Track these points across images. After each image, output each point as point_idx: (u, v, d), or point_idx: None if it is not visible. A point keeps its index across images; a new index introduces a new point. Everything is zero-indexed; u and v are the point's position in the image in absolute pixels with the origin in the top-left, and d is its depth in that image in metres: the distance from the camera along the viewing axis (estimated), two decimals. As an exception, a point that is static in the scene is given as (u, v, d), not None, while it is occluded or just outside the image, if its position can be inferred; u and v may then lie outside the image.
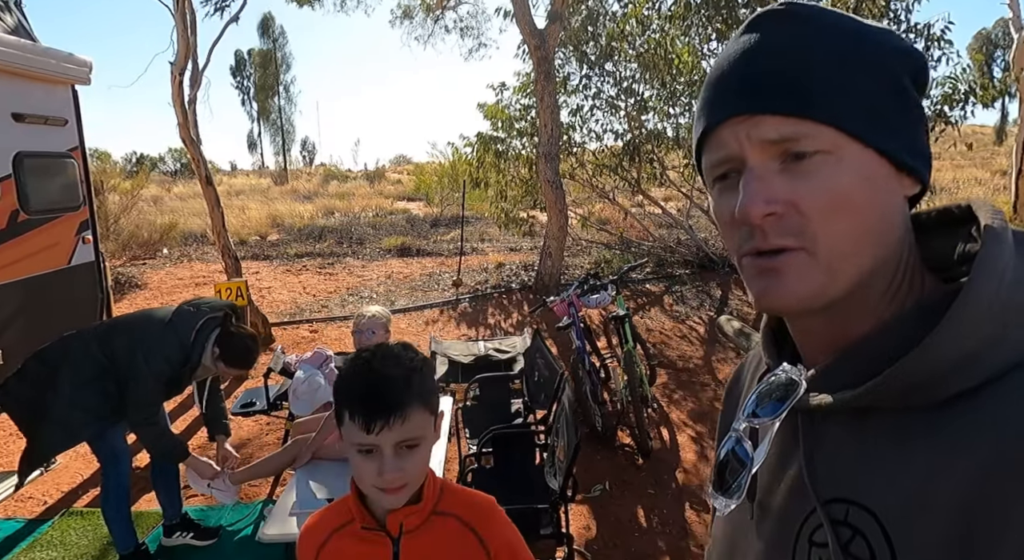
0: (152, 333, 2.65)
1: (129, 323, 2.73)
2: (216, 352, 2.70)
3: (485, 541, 1.08)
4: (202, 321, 2.70)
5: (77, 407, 2.55)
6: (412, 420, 0.99)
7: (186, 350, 2.63)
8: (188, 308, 2.77)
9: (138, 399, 2.58)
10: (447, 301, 7.39)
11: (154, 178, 29.74)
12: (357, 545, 1.06)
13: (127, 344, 2.62)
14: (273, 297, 7.82)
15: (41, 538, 3.03)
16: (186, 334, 2.65)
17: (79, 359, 2.59)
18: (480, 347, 4.06)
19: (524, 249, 10.56)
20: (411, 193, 20.14)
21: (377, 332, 2.79)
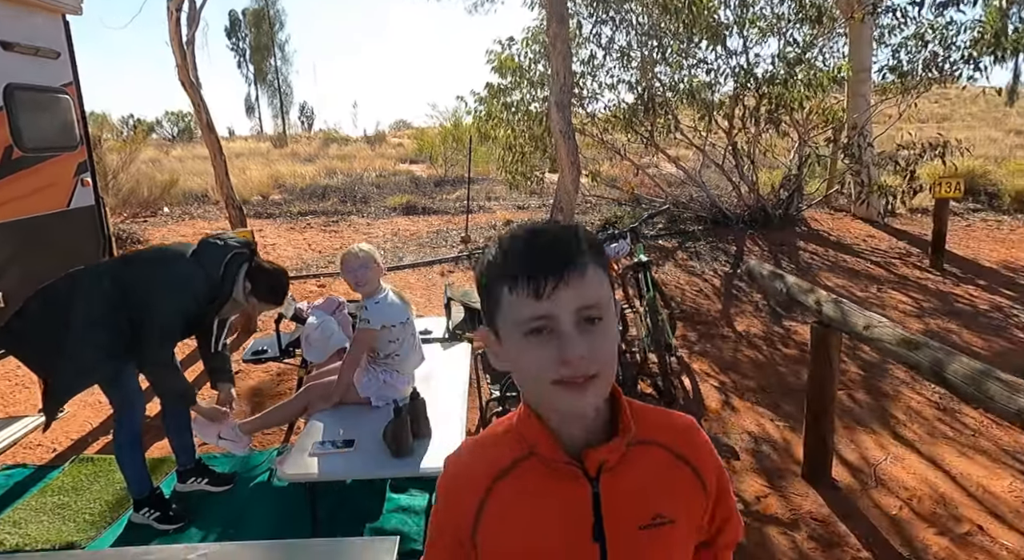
0: (176, 267, 2.49)
1: (147, 258, 2.58)
2: (248, 286, 2.57)
3: (700, 472, 0.84)
4: (231, 254, 2.56)
5: (89, 344, 2.41)
6: (590, 279, 0.74)
7: (214, 284, 2.49)
8: (215, 241, 2.61)
9: (156, 336, 2.45)
10: (456, 256, 7.24)
11: (152, 142, 29.20)
12: (543, 483, 0.79)
13: (147, 279, 2.47)
14: (278, 253, 7.66)
15: (52, 483, 2.95)
16: (214, 267, 2.51)
17: (91, 294, 2.44)
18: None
19: (532, 207, 10.35)
20: (413, 155, 19.76)
21: (371, 266, 2.64)
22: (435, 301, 5.80)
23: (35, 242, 3.33)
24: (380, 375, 2.67)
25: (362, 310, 2.62)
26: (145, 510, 2.65)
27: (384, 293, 2.67)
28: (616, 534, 0.78)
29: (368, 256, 2.63)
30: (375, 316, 2.58)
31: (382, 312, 2.60)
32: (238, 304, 2.67)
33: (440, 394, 2.73)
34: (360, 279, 2.61)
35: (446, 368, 3.04)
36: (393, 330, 2.64)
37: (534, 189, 10.13)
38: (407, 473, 2.23)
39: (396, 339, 2.67)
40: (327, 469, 2.18)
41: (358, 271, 2.60)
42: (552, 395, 0.74)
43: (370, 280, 2.62)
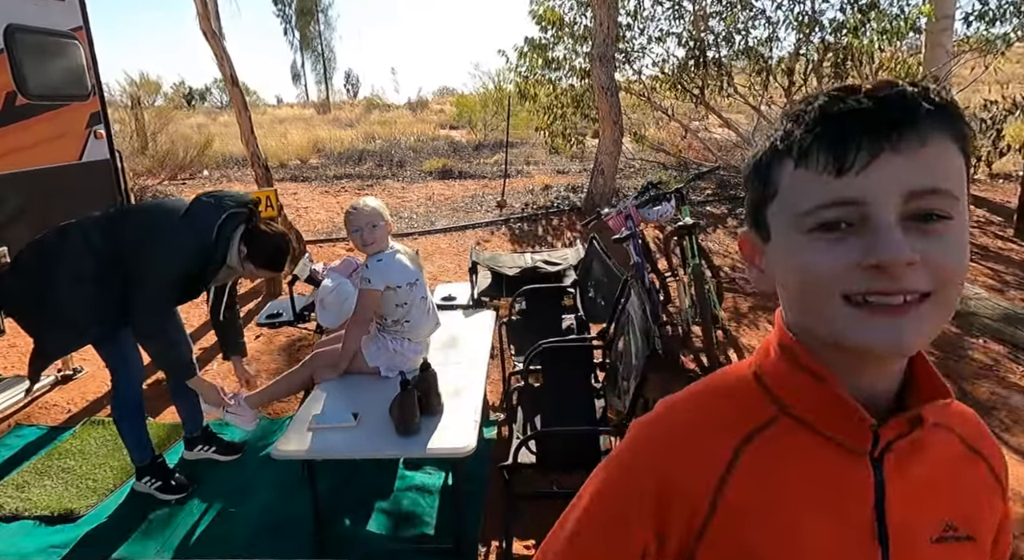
0: (165, 226, 2.27)
1: (138, 213, 2.37)
2: (243, 251, 2.33)
3: (996, 472, 0.61)
4: (225, 215, 2.31)
5: (78, 305, 2.23)
6: (937, 152, 0.47)
7: (206, 247, 2.26)
8: (208, 200, 2.37)
9: (144, 303, 2.25)
10: (491, 221, 6.94)
11: (202, 109, 29.67)
12: (802, 457, 0.54)
13: (135, 237, 2.26)
14: (310, 216, 7.52)
15: (61, 446, 2.85)
16: (206, 228, 2.27)
17: (78, 251, 2.24)
18: (527, 259, 3.61)
19: (572, 172, 9.90)
20: (454, 120, 19.42)
21: (378, 224, 2.36)
22: (466, 267, 5.53)
23: (43, 195, 3.19)
24: (389, 343, 2.42)
25: (362, 268, 2.35)
26: (147, 479, 2.51)
27: (391, 252, 2.40)
28: (902, 541, 0.54)
29: (375, 212, 2.36)
30: (377, 275, 2.32)
31: (386, 271, 2.33)
32: (234, 270, 2.43)
33: (458, 365, 2.47)
34: (367, 238, 2.34)
35: (467, 337, 2.77)
36: (399, 292, 2.37)
37: (574, 153, 9.68)
38: (413, 454, 1.99)
39: (404, 303, 2.40)
40: (324, 447, 1.95)
41: (364, 229, 2.33)
42: (845, 321, 0.49)
43: (377, 239, 2.35)
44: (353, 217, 2.35)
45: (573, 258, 3.50)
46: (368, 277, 2.31)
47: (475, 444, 1.93)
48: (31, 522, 2.36)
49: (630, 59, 7.88)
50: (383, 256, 2.35)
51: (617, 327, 2.34)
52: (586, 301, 2.93)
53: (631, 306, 2.21)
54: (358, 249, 2.41)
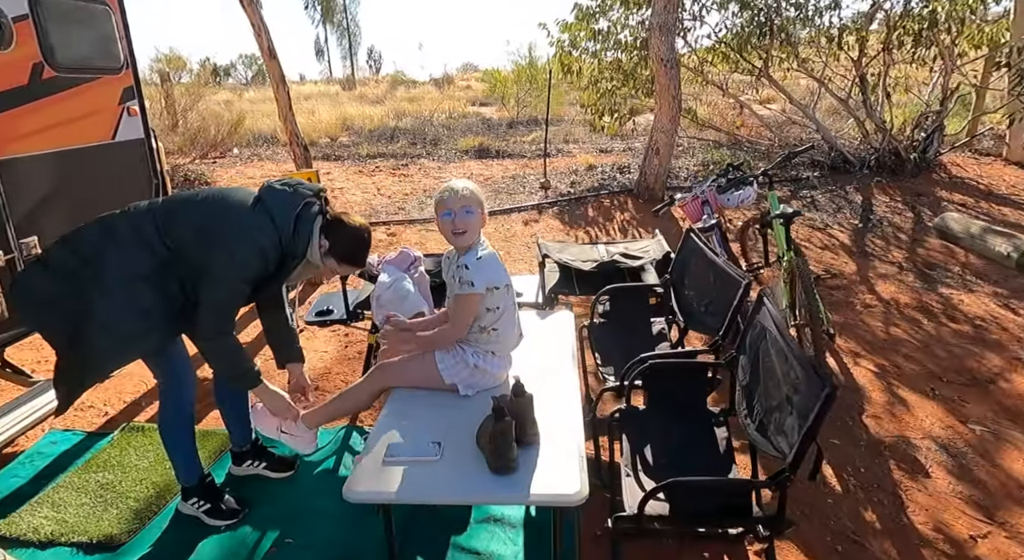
0: (241, 217, 1.95)
1: (200, 203, 2.00)
2: (324, 245, 2.03)
3: None
4: (302, 204, 2.01)
5: (128, 309, 1.92)
6: None
7: (286, 240, 1.97)
8: (282, 187, 2.04)
9: (215, 305, 1.94)
10: (536, 204, 6.55)
11: (227, 85, 29.50)
12: None
13: (199, 230, 1.95)
14: (346, 198, 7.21)
15: (98, 456, 2.60)
16: (284, 220, 1.97)
17: (130, 247, 1.93)
18: (602, 251, 3.23)
19: (616, 151, 9.42)
20: (483, 97, 18.91)
21: (475, 211, 2.01)
22: (515, 254, 5.18)
23: (74, 179, 2.90)
24: (470, 358, 2.08)
25: (460, 269, 1.99)
26: (194, 501, 2.23)
27: (486, 247, 2.06)
28: None
29: (473, 197, 2.01)
30: (480, 276, 1.97)
31: (488, 270, 1.99)
32: (311, 267, 2.13)
33: (542, 382, 2.13)
34: (458, 225, 1.99)
35: (546, 345, 2.42)
36: (495, 294, 2.03)
37: (618, 131, 9.19)
38: (512, 500, 1.67)
39: (497, 307, 2.06)
40: (405, 488, 1.63)
41: (457, 214, 1.98)
42: None
43: (471, 229, 2.01)
44: (447, 199, 2.00)
45: (656, 251, 3.12)
46: (471, 280, 1.96)
47: (587, 490, 1.60)
48: (68, 550, 2.10)
49: (683, 32, 7.33)
50: (483, 254, 2.01)
51: (741, 342, 1.97)
52: (684, 304, 2.55)
53: (764, 320, 1.83)
54: (445, 237, 2.06)
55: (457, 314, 2.06)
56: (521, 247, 5.35)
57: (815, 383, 1.42)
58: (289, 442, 2.20)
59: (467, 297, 1.99)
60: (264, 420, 2.24)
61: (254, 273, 1.96)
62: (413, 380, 2.14)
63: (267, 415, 2.23)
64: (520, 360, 2.24)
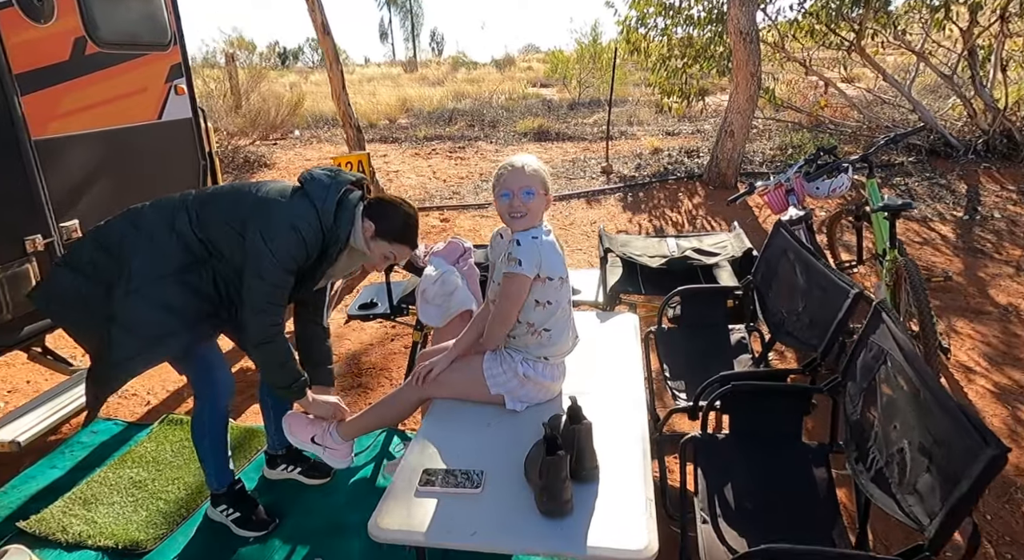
0: (276, 206, 1.81)
1: (236, 193, 1.87)
2: (370, 228, 1.86)
3: None
4: (344, 189, 1.87)
5: (156, 307, 1.79)
6: None
7: (327, 226, 1.82)
8: (322, 173, 1.90)
9: (261, 300, 1.79)
10: (598, 190, 6.19)
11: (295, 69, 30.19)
12: None
13: (236, 221, 1.80)
14: (401, 181, 7.07)
15: (135, 450, 2.51)
16: (326, 204, 1.82)
17: (161, 240, 1.81)
18: (672, 245, 2.89)
19: (683, 133, 8.88)
20: (544, 78, 18.47)
21: (536, 192, 1.74)
22: (573, 244, 4.87)
23: (118, 161, 2.80)
24: (519, 366, 1.82)
25: (511, 245, 1.73)
26: (224, 507, 2.09)
27: (548, 231, 1.78)
28: None
29: (535, 175, 1.74)
30: (529, 256, 1.70)
31: (542, 253, 1.72)
32: (357, 254, 1.97)
33: (601, 400, 1.84)
34: (517, 207, 1.72)
35: (606, 352, 2.13)
36: (547, 286, 1.75)
37: (686, 112, 8.65)
38: (567, 551, 1.40)
39: (549, 302, 1.78)
40: (438, 528, 1.39)
41: (516, 195, 1.72)
42: None
43: (531, 212, 1.74)
44: (506, 177, 1.73)
45: (735, 247, 2.75)
46: (519, 257, 1.69)
47: (656, 545, 1.32)
48: (94, 554, 2.00)
49: (765, 1, 6.72)
50: (539, 233, 1.73)
51: (849, 366, 1.62)
52: (770, 312, 2.20)
53: (883, 341, 1.48)
54: (502, 219, 1.79)
55: (502, 299, 1.78)
56: (580, 236, 5.03)
57: (971, 439, 1.08)
58: (323, 455, 2.01)
59: (514, 278, 1.71)
60: (298, 428, 2.05)
61: (296, 262, 1.80)
62: (457, 390, 1.90)
63: (301, 424, 2.04)
64: (576, 370, 1.96)
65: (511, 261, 1.71)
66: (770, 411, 1.74)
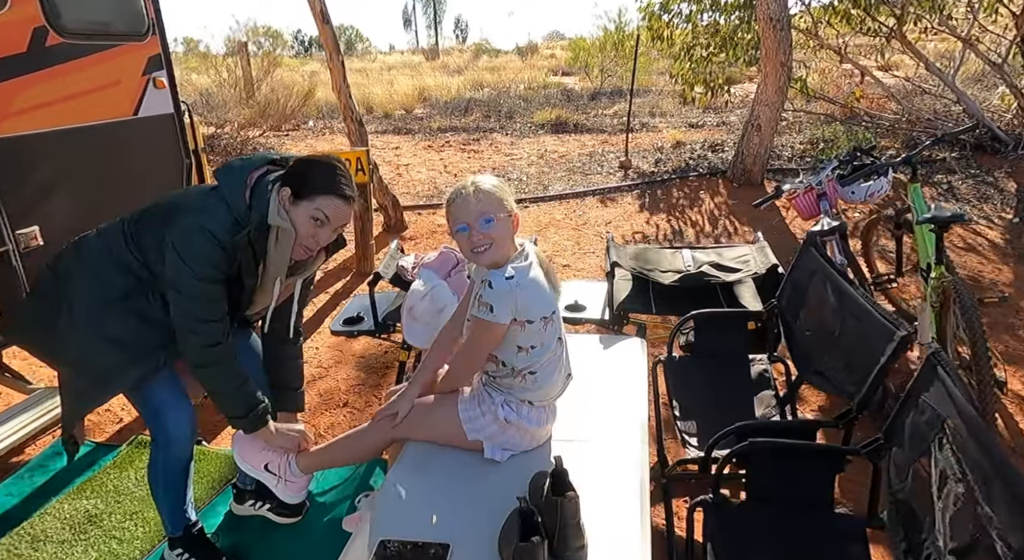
0: (186, 209, 1.60)
1: (162, 207, 1.67)
2: (286, 193, 1.58)
3: None
4: (257, 169, 1.64)
5: (101, 339, 1.62)
6: None
7: (240, 215, 1.58)
8: (233, 162, 1.68)
9: (186, 316, 1.59)
10: (614, 187, 5.88)
11: (317, 57, 30.16)
12: None
13: (156, 232, 1.60)
14: (411, 176, 6.83)
15: (97, 477, 2.31)
16: (236, 193, 1.59)
17: (101, 265, 1.64)
18: (687, 258, 2.60)
19: (708, 125, 8.48)
20: (567, 66, 18.06)
21: (496, 217, 1.47)
22: (586, 245, 4.59)
23: (87, 161, 2.60)
24: (500, 410, 1.57)
25: (483, 286, 1.48)
26: (179, 551, 1.88)
27: (523, 264, 1.51)
28: None
29: (492, 198, 1.48)
30: (503, 301, 1.44)
31: (519, 297, 1.46)
32: (287, 236, 1.62)
33: (596, 437, 1.59)
34: (477, 241, 1.47)
35: (606, 382, 1.87)
36: (530, 329, 1.50)
37: (710, 103, 8.23)
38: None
39: (533, 346, 1.53)
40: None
41: (474, 227, 1.46)
42: None
43: (497, 241, 1.48)
44: (457, 208, 1.48)
45: (758, 262, 2.45)
46: (490, 302, 1.44)
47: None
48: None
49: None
50: (516, 272, 1.47)
51: (893, 427, 1.33)
52: (798, 344, 1.91)
53: (942, 404, 1.19)
54: (466, 256, 1.55)
55: (469, 345, 1.56)
56: (593, 237, 4.74)
57: None
58: (276, 486, 1.79)
59: (483, 325, 1.47)
60: (249, 452, 1.81)
61: (215, 268, 1.57)
62: (429, 432, 1.66)
63: (254, 448, 1.80)
64: (571, 406, 1.71)
65: (481, 305, 1.45)
66: (796, 473, 1.46)
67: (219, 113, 7.84)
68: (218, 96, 8.00)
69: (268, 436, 1.77)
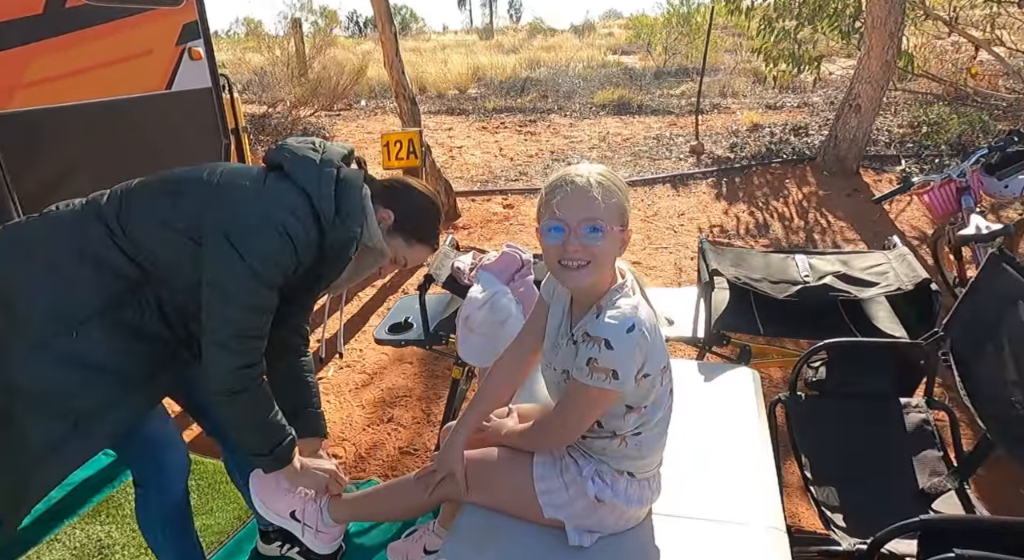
0: (247, 195, 1.25)
1: (176, 184, 1.30)
2: (388, 217, 1.36)
3: None
4: (338, 165, 1.31)
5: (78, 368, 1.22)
6: None
7: (327, 218, 1.26)
8: (302, 145, 1.32)
9: (227, 333, 1.23)
10: (686, 174, 5.35)
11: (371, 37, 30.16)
12: None
13: (183, 221, 1.25)
14: (464, 159, 6.46)
15: (113, 497, 2.05)
16: (321, 190, 1.26)
17: (67, 270, 1.23)
18: (802, 266, 2.12)
19: (788, 106, 7.76)
20: (626, 44, 17.28)
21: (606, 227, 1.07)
22: (657, 240, 4.12)
23: (112, 140, 2.34)
24: (588, 483, 1.18)
25: (588, 342, 1.06)
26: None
27: (632, 293, 1.11)
28: None
29: (611, 201, 1.07)
30: (628, 361, 1.05)
31: (645, 347, 1.07)
32: (371, 256, 1.39)
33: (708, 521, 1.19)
34: (577, 252, 1.07)
35: (711, 429, 1.46)
36: (644, 383, 1.11)
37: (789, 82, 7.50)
38: None
39: (647, 404, 1.14)
40: None
41: (578, 234, 1.06)
42: None
43: (600, 259, 1.08)
44: (559, 200, 1.07)
45: (900, 275, 1.95)
46: (613, 367, 1.05)
47: None
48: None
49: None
50: (635, 320, 1.06)
51: None
52: (983, 396, 1.43)
53: None
54: (549, 266, 1.15)
55: (570, 413, 1.16)
56: (665, 231, 4.27)
57: None
58: (304, 536, 1.47)
59: (597, 394, 1.08)
60: (271, 496, 1.49)
61: (282, 273, 1.24)
62: (493, 498, 1.29)
63: (277, 491, 1.49)
64: (670, 457, 1.31)
65: (593, 370, 1.05)
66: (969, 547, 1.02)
67: (272, 92, 7.66)
68: (271, 75, 7.81)
69: (293, 474, 1.43)
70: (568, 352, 1.15)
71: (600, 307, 1.09)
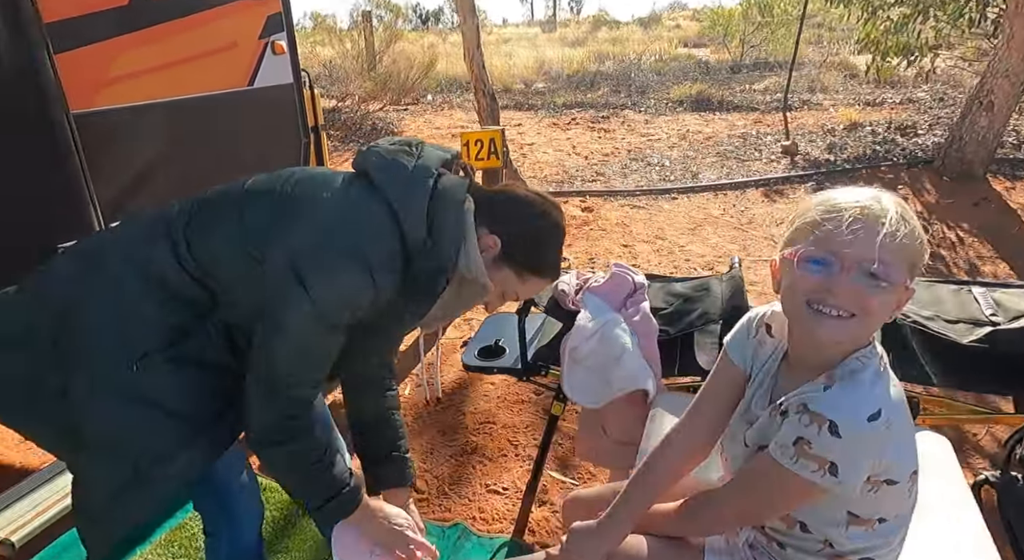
0: (319, 210, 1.04)
1: (248, 196, 1.11)
2: (494, 243, 1.10)
3: None
4: (434, 177, 1.06)
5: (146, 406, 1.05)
6: None
7: (414, 242, 1.03)
8: (394, 148, 1.10)
9: (277, 374, 1.03)
10: (780, 177, 4.93)
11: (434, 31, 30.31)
12: None
13: (254, 239, 1.05)
14: (536, 157, 6.21)
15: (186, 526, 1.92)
16: (413, 207, 1.02)
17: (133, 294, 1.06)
18: (982, 301, 1.75)
19: (889, 103, 7.13)
20: (697, 37, 16.61)
21: (897, 279, 0.80)
22: (755, 252, 3.75)
23: (194, 141, 2.20)
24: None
25: (812, 422, 0.78)
26: None
27: (882, 367, 0.83)
28: None
29: (910, 246, 0.82)
30: (862, 459, 0.79)
31: (890, 443, 0.80)
32: (470, 290, 1.13)
33: None
34: (846, 301, 0.80)
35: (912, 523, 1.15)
36: (883, 491, 0.83)
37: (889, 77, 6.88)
38: None
39: (885, 517, 0.86)
40: None
41: (855, 274, 0.79)
42: None
43: (872, 318, 0.82)
44: (832, 225, 0.82)
45: None
46: (833, 459, 0.78)
47: None
48: None
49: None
50: (882, 403, 0.78)
51: None
52: None
53: None
54: (785, 306, 0.87)
55: (755, 491, 0.89)
56: (763, 240, 3.89)
57: None
58: None
59: (796, 483, 0.81)
60: (350, 552, 1.28)
61: (351, 311, 1.02)
62: None
63: (356, 544, 1.27)
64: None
65: (804, 456, 0.78)
66: None
67: (341, 86, 7.62)
68: (341, 68, 7.78)
69: (369, 525, 1.21)
70: (768, 423, 0.88)
71: (832, 377, 0.81)
